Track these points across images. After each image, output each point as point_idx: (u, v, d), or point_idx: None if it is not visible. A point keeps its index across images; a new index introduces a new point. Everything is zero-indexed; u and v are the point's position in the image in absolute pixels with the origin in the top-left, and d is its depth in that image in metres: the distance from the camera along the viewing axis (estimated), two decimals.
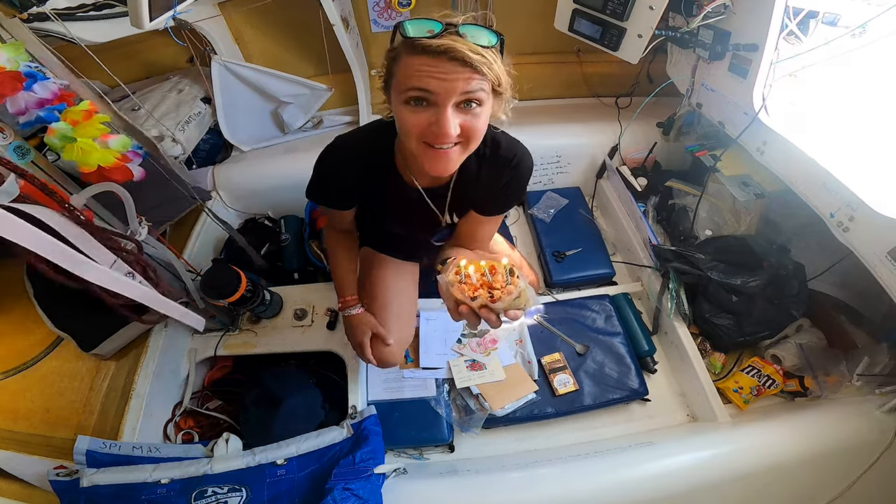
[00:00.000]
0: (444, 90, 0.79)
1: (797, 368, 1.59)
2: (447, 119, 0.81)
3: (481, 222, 1.21)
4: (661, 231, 2.08)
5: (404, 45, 0.82)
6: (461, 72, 0.78)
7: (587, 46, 1.82)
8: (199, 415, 1.53)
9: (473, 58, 0.77)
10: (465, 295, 0.78)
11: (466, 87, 0.80)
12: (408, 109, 0.84)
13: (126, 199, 1.14)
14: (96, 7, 1.39)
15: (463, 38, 0.79)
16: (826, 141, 1.37)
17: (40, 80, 1.05)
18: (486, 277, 0.79)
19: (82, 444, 1.18)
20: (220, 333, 1.59)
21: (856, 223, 1.28)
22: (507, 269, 0.79)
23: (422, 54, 0.79)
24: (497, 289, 0.77)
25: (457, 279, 0.80)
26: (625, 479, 1.29)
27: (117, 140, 1.16)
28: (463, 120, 0.84)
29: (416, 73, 0.79)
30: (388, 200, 1.17)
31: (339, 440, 1.29)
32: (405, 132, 0.88)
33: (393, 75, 0.86)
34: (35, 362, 1.47)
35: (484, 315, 0.80)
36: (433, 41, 0.77)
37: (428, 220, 1.22)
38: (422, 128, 0.84)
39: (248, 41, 2.00)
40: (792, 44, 1.45)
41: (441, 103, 0.81)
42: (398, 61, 0.83)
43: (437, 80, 0.79)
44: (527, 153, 1.12)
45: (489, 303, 0.77)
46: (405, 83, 0.82)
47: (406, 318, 1.47)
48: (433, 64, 0.78)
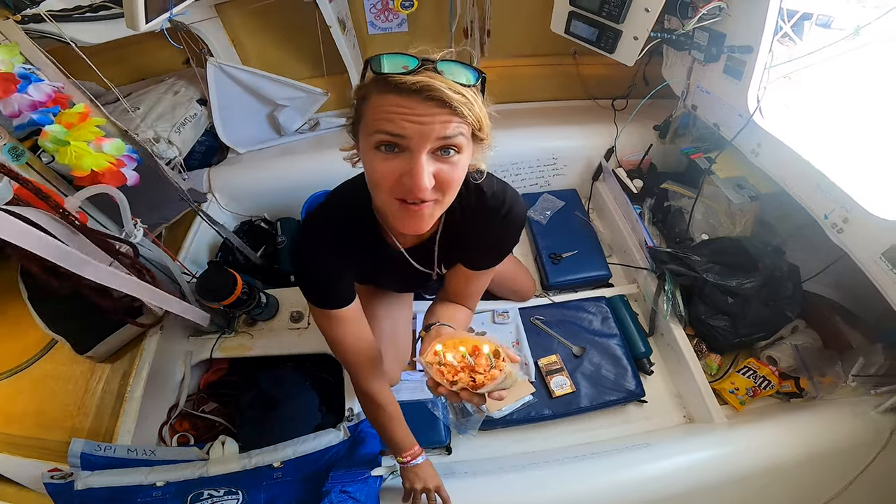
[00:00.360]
0: (418, 134, 0.69)
1: (793, 369, 1.59)
2: (420, 167, 0.70)
3: (470, 278, 1.11)
4: (657, 233, 2.09)
5: (375, 83, 0.72)
6: (438, 113, 0.69)
7: (583, 49, 1.83)
8: (195, 417, 1.52)
9: (453, 97, 0.68)
10: (443, 378, 0.72)
11: (444, 132, 0.70)
12: (377, 157, 0.73)
13: (121, 202, 1.14)
14: (92, 8, 1.39)
15: (441, 76, 0.69)
16: (820, 143, 1.37)
17: (35, 81, 1.05)
18: (468, 360, 0.73)
19: (77, 446, 1.17)
20: (215, 336, 1.58)
21: (850, 224, 1.29)
22: (491, 352, 0.73)
23: (394, 92, 0.69)
24: (480, 373, 0.71)
25: (436, 360, 0.74)
26: (622, 481, 1.29)
27: (112, 144, 1.16)
28: (438, 169, 0.73)
29: (387, 114, 0.69)
30: (376, 266, 1.07)
31: (335, 443, 1.28)
32: (374, 183, 0.77)
33: (360, 118, 0.76)
34: (29, 365, 1.46)
35: (465, 397, 0.73)
36: (407, 78, 0.68)
37: (417, 276, 1.12)
38: (393, 179, 0.73)
39: (245, 43, 2.00)
40: (786, 46, 1.46)
41: (415, 149, 0.70)
42: (367, 100, 0.73)
43: (411, 124, 0.68)
44: (518, 200, 0.99)
45: (469, 387, 0.71)
46: (374, 125, 0.71)
47: (403, 342, 1.47)
48: (407, 104, 0.68)
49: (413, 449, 1.15)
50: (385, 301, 1.43)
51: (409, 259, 1.04)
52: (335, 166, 2.14)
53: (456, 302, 1.15)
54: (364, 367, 1.07)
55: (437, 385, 0.75)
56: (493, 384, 0.70)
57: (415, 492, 1.14)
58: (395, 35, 2.08)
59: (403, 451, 1.14)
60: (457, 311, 1.13)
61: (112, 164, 1.13)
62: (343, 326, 1.02)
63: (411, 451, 1.14)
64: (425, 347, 0.82)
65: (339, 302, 0.99)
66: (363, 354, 1.06)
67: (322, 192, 2.03)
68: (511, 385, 0.73)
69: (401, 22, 2.04)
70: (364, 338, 1.07)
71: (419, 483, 1.14)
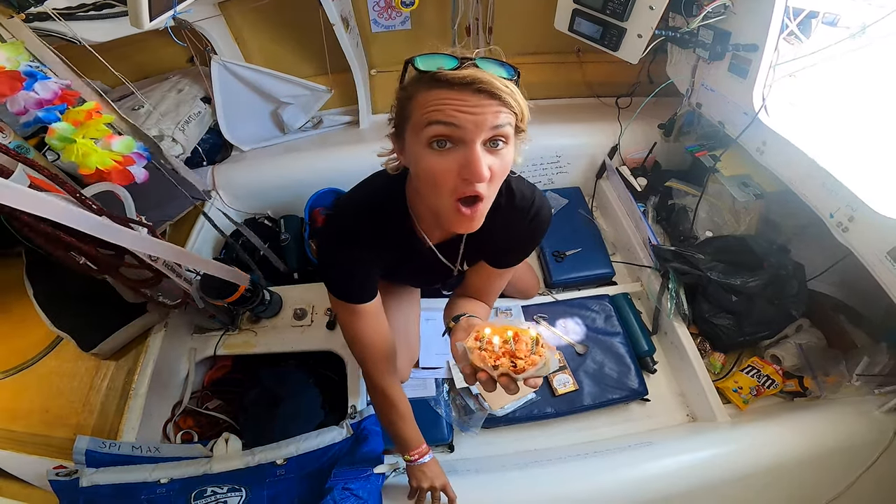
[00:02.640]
0: (473, 124, 0.70)
1: (797, 368, 1.59)
2: (479, 156, 0.71)
3: (492, 275, 1.13)
4: (661, 231, 2.08)
5: (421, 81, 0.73)
6: (489, 104, 0.70)
7: (587, 46, 1.82)
8: (199, 414, 1.53)
9: (502, 88, 0.70)
10: (485, 363, 0.73)
11: (496, 121, 0.71)
12: (432, 154, 0.74)
13: (126, 199, 1.14)
14: (96, 7, 1.39)
15: (485, 71, 0.71)
16: (826, 141, 1.37)
17: (41, 79, 1.05)
18: (510, 346, 0.74)
19: (81, 443, 1.18)
20: (219, 333, 1.59)
21: (855, 223, 1.28)
22: (533, 338, 0.74)
23: (444, 87, 0.70)
24: (521, 358, 0.72)
25: (477, 346, 0.75)
26: (624, 479, 1.29)
27: (120, 141, 1.15)
28: (490, 161, 0.74)
29: (440, 106, 0.70)
30: (403, 260, 1.06)
31: (338, 440, 1.28)
32: (433, 184, 0.77)
33: (408, 118, 0.77)
34: (34, 362, 1.47)
35: (503, 383, 0.73)
36: (457, 72, 0.70)
37: (440, 272, 1.14)
38: (452, 175, 0.74)
39: (248, 41, 2.00)
40: (792, 44, 1.45)
41: (469, 139, 0.71)
42: (414, 99, 0.74)
43: (465, 114, 0.70)
44: (545, 203, 1.02)
45: (511, 372, 0.72)
46: (427, 117, 0.72)
47: (413, 339, 1.48)
48: (458, 97, 0.70)
49: (421, 447, 1.15)
50: (396, 298, 1.43)
51: (436, 254, 1.05)
52: (339, 164, 2.14)
53: (475, 298, 1.16)
54: (380, 362, 1.08)
55: (474, 372, 0.75)
56: (533, 370, 0.71)
57: (421, 490, 1.14)
58: (399, 33, 2.08)
59: (411, 449, 1.14)
60: (477, 305, 1.15)
61: (118, 163, 1.13)
62: (364, 321, 1.03)
63: (419, 450, 1.14)
64: (460, 336, 0.82)
65: (364, 296, 1.01)
66: (381, 350, 1.07)
67: (326, 189, 2.04)
68: (547, 373, 0.74)
69: (404, 20, 2.04)
70: (383, 333, 1.07)
71: (426, 481, 1.14)
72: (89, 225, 0.91)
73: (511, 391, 0.73)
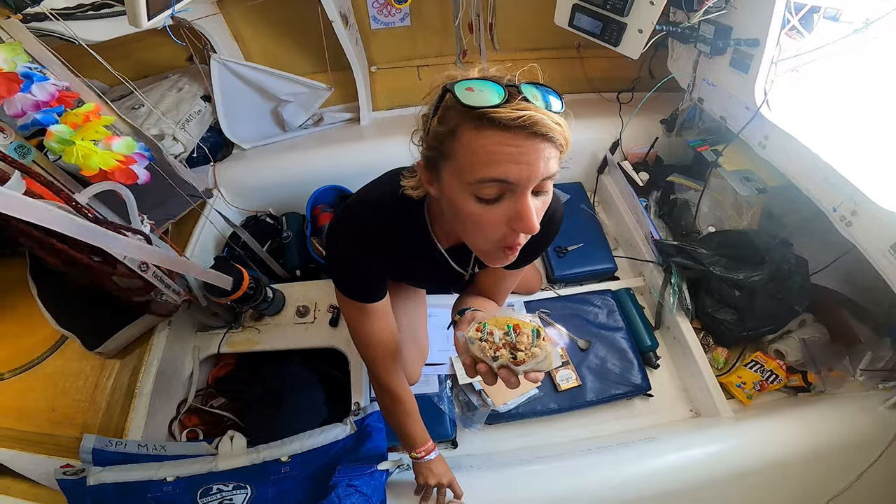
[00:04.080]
0: (526, 176, 0.63)
1: (800, 363, 1.59)
2: (531, 211, 0.66)
3: (503, 277, 1.11)
4: (663, 226, 2.08)
5: (466, 118, 0.64)
6: (542, 149, 0.63)
7: (588, 42, 1.81)
8: (204, 412, 1.54)
9: (556, 130, 0.63)
10: (485, 354, 0.72)
11: (548, 170, 0.65)
12: (478, 205, 0.68)
13: (128, 199, 1.14)
14: (94, 6, 1.39)
15: (535, 106, 0.63)
16: (828, 135, 1.36)
17: (38, 80, 1.04)
18: (510, 337, 0.73)
19: (88, 442, 1.19)
20: (223, 331, 1.59)
21: (858, 217, 1.28)
22: (534, 330, 0.73)
23: (496, 129, 0.62)
24: (521, 350, 0.71)
25: (478, 336, 0.74)
26: (628, 475, 1.29)
27: (121, 142, 1.15)
28: (538, 203, 0.69)
29: (492, 157, 0.63)
30: (415, 264, 1.04)
31: (342, 437, 1.29)
32: (477, 230, 0.72)
33: (449, 156, 0.68)
34: (40, 361, 1.48)
35: (503, 376, 0.72)
36: (510, 112, 0.61)
37: (450, 276, 1.11)
38: (500, 227, 0.69)
39: (247, 39, 2.00)
40: (794, 39, 1.44)
41: (521, 192, 0.65)
42: (457, 138, 0.65)
43: (518, 165, 0.62)
44: (559, 205, 0.98)
45: (511, 364, 0.71)
46: (475, 171, 0.64)
47: (422, 339, 1.48)
48: (512, 143, 0.62)
49: (427, 444, 1.15)
50: (403, 298, 1.43)
51: (448, 259, 1.02)
52: (340, 161, 2.14)
53: (486, 297, 1.15)
54: (387, 361, 1.07)
55: (475, 364, 0.74)
56: (533, 363, 0.71)
57: (428, 487, 1.15)
58: (398, 30, 2.07)
59: (418, 446, 1.14)
60: (486, 303, 1.13)
61: (121, 163, 1.13)
62: (373, 320, 1.02)
63: (425, 447, 1.15)
64: (463, 327, 0.81)
65: (374, 296, 0.99)
66: (387, 349, 1.06)
67: (327, 186, 2.04)
68: (548, 367, 0.73)
69: (403, 16, 2.03)
70: (390, 333, 1.06)
71: (433, 478, 1.15)
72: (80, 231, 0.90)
73: (511, 384, 0.71)
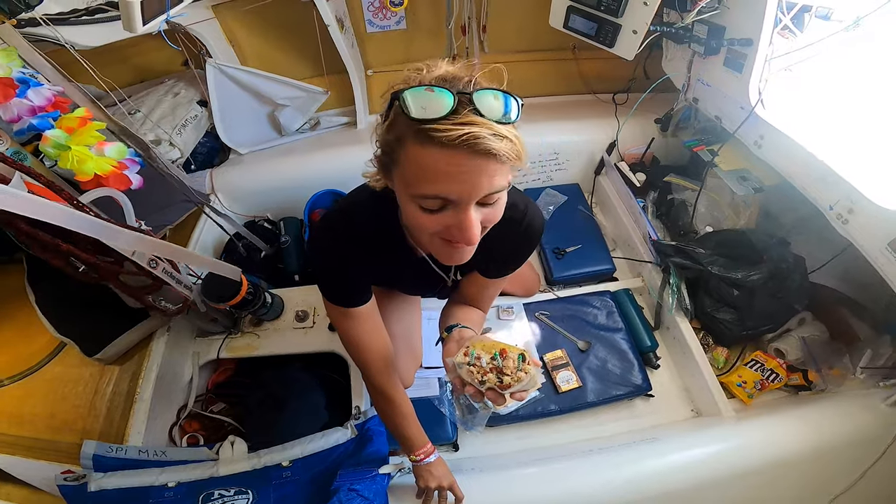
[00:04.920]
0: (466, 193, 0.64)
1: (800, 362, 1.59)
2: (470, 222, 0.67)
3: (486, 285, 1.11)
4: (661, 226, 2.08)
5: (411, 130, 0.63)
6: (484, 167, 0.62)
7: (583, 43, 1.82)
8: (204, 418, 1.53)
9: (499, 147, 0.61)
10: (473, 378, 0.76)
11: (491, 186, 0.65)
12: (420, 212, 0.69)
13: (125, 205, 1.14)
14: (89, 12, 1.39)
15: (484, 118, 0.61)
16: (824, 134, 1.37)
17: (33, 86, 1.05)
18: (497, 362, 0.76)
19: (89, 448, 1.18)
20: (222, 336, 1.59)
21: (855, 215, 1.28)
22: (520, 355, 0.76)
23: (436, 146, 0.61)
24: (507, 375, 0.75)
25: (465, 361, 0.77)
26: (629, 476, 1.29)
27: (113, 148, 1.15)
28: (484, 213, 0.70)
29: (433, 175, 0.63)
30: (395, 270, 1.05)
31: (343, 441, 1.29)
32: (416, 229, 0.75)
33: (396, 162, 0.69)
34: (39, 368, 1.47)
35: (490, 397, 0.75)
36: (451, 131, 0.60)
37: (433, 281, 1.11)
38: (438, 228, 0.71)
39: (243, 43, 2.00)
40: (786, 38, 1.44)
41: (463, 207, 0.67)
42: (403, 147, 0.66)
43: (457, 183, 0.63)
44: (537, 214, 0.98)
45: (497, 387, 0.75)
46: (417, 186, 0.66)
47: (417, 344, 1.49)
48: (449, 161, 0.61)
49: (426, 447, 1.15)
50: (396, 303, 1.43)
51: (430, 264, 1.03)
52: (337, 165, 2.14)
53: (470, 305, 1.15)
54: (377, 364, 1.07)
55: (463, 385, 0.77)
56: (519, 385, 0.74)
57: (428, 490, 1.15)
58: (394, 33, 2.07)
59: (416, 449, 1.14)
60: (471, 312, 1.14)
61: (115, 168, 1.13)
62: (359, 324, 1.02)
63: (424, 449, 1.14)
64: (451, 349, 0.84)
65: (357, 300, 0.99)
66: (377, 352, 1.06)
67: (325, 190, 2.04)
68: (533, 387, 0.76)
69: (399, 20, 2.03)
70: (379, 336, 1.07)
71: (433, 481, 1.14)
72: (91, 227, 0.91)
73: (498, 404, 0.75)
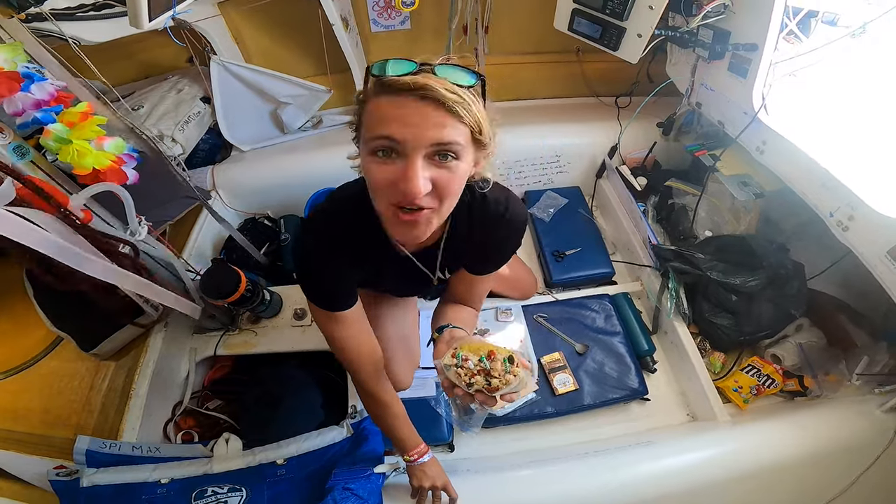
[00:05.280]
0: (412, 136, 0.67)
1: (797, 368, 1.58)
2: (415, 172, 0.68)
3: (474, 282, 1.11)
4: (661, 230, 2.08)
5: (372, 86, 0.72)
6: (433, 115, 0.67)
7: (587, 46, 1.82)
8: (199, 414, 1.53)
9: (447, 96, 0.66)
10: (460, 380, 0.76)
11: (440, 136, 0.68)
12: (373, 162, 0.72)
13: (126, 200, 1.14)
14: (95, 7, 1.39)
15: (437, 77, 0.68)
16: (826, 140, 1.36)
17: (38, 80, 1.05)
18: (484, 364, 0.76)
19: (82, 443, 1.18)
20: (219, 333, 1.59)
21: (855, 222, 1.28)
22: (506, 357, 0.77)
23: (388, 93, 0.68)
24: (495, 377, 0.75)
25: (453, 363, 0.77)
26: (625, 479, 1.29)
27: (112, 143, 1.15)
28: (436, 174, 0.71)
29: (382, 117, 0.69)
30: (379, 269, 1.04)
31: (339, 440, 1.29)
32: (372, 189, 0.77)
33: (361, 123, 0.76)
34: (35, 362, 1.47)
35: (479, 399, 0.75)
36: (402, 78, 0.67)
37: (419, 281, 1.10)
38: (389, 183, 0.72)
39: (248, 41, 2.00)
40: (792, 43, 1.44)
41: (409, 153, 0.68)
42: (365, 105, 0.73)
43: (404, 126, 0.67)
44: (519, 208, 0.99)
45: (485, 390, 0.75)
46: (370, 130, 0.71)
47: (413, 345, 1.48)
48: (400, 105, 0.67)
49: (419, 447, 1.15)
50: (391, 305, 1.43)
51: (415, 262, 1.02)
52: (338, 163, 2.13)
53: (461, 304, 1.15)
54: (366, 368, 1.07)
55: (453, 386, 0.77)
56: (507, 388, 0.74)
57: (422, 490, 1.14)
58: (398, 33, 2.08)
59: (409, 449, 1.14)
60: (463, 311, 1.13)
61: (113, 163, 1.13)
62: (345, 328, 1.01)
63: (417, 450, 1.14)
64: (441, 350, 0.84)
65: (342, 304, 0.99)
66: (366, 356, 1.06)
67: (325, 189, 2.03)
68: (522, 388, 0.76)
69: (403, 19, 2.04)
70: (366, 340, 1.06)
71: (427, 481, 1.14)
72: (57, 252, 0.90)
73: (490, 405, 0.75)
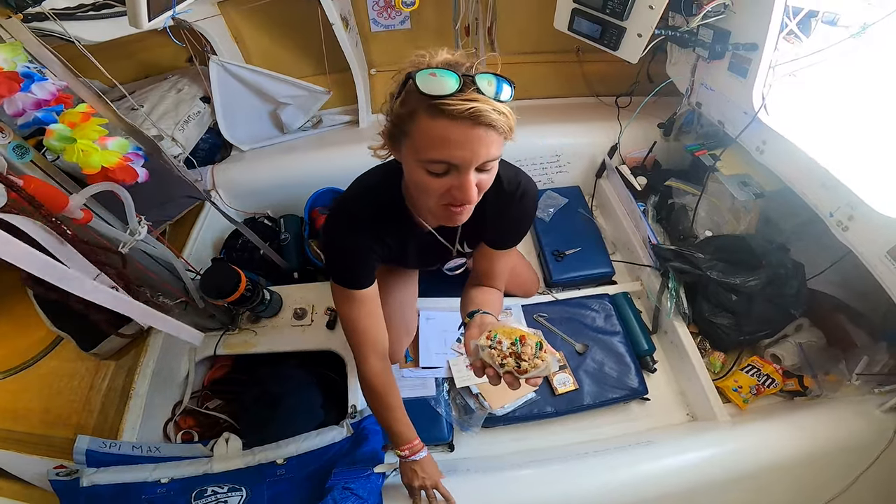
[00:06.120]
0: (469, 159, 0.77)
1: (796, 367, 1.59)
2: (470, 184, 0.81)
3: (495, 257, 1.19)
4: (661, 230, 2.08)
5: (421, 104, 0.76)
6: (484, 137, 0.76)
7: (587, 45, 1.82)
8: (199, 414, 1.53)
9: (497, 120, 0.74)
10: (493, 360, 0.81)
11: (489, 154, 0.78)
12: (429, 175, 0.82)
13: (126, 199, 1.14)
14: (95, 7, 1.39)
15: (484, 96, 0.74)
16: (826, 140, 1.36)
17: (38, 80, 1.05)
18: (516, 347, 0.81)
19: (82, 443, 1.18)
20: (219, 333, 1.58)
21: (855, 222, 1.28)
22: (537, 342, 0.82)
23: (445, 118, 0.74)
24: (525, 360, 0.80)
25: (488, 344, 0.83)
26: (624, 479, 1.29)
27: (115, 142, 1.15)
28: (480, 178, 0.84)
29: (441, 141, 0.76)
30: (403, 244, 1.14)
31: (338, 439, 1.29)
32: (423, 192, 0.87)
33: (407, 134, 0.81)
34: (35, 362, 1.47)
35: (507, 380, 0.81)
36: (459, 105, 0.72)
37: (439, 253, 1.22)
38: (444, 191, 0.84)
39: (247, 40, 2.00)
40: (792, 43, 1.45)
41: (464, 171, 0.80)
42: (414, 121, 0.78)
43: (461, 150, 0.76)
44: (530, 182, 1.10)
45: (515, 371, 0.80)
46: (426, 152, 0.79)
47: (410, 316, 1.54)
48: (458, 132, 0.75)
49: (413, 443, 1.14)
50: (393, 277, 1.49)
51: (436, 236, 1.13)
52: (338, 163, 2.15)
53: (485, 284, 1.22)
54: (368, 346, 1.13)
55: (483, 367, 0.83)
56: (535, 371, 0.79)
57: (413, 489, 1.14)
58: (398, 32, 2.08)
59: (402, 443, 1.13)
60: (489, 293, 1.20)
61: (122, 160, 1.13)
62: (360, 307, 1.10)
63: (410, 445, 1.13)
64: (473, 333, 0.91)
65: (361, 282, 1.08)
66: (373, 337, 1.13)
67: (325, 188, 2.04)
68: (548, 373, 0.82)
69: (403, 19, 2.04)
70: (375, 323, 1.14)
71: (417, 480, 1.13)
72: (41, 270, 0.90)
73: (513, 388, 0.81)
